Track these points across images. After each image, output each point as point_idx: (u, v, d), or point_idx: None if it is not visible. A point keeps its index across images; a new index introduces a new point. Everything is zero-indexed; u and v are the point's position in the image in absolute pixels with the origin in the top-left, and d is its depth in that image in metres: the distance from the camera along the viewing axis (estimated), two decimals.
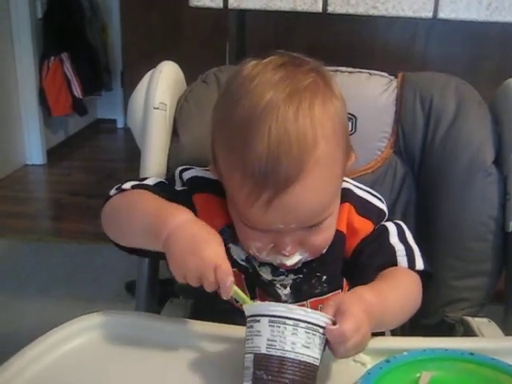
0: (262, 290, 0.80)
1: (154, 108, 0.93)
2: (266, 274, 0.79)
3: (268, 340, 0.59)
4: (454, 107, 0.94)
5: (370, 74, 1.00)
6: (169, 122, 0.96)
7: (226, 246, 0.76)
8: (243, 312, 0.69)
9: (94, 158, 3.94)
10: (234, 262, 0.79)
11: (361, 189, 0.84)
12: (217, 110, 0.75)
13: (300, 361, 0.58)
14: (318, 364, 0.60)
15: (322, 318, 0.60)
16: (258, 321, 0.60)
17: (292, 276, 0.79)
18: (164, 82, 0.95)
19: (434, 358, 0.67)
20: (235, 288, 0.66)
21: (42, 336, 0.71)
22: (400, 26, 1.53)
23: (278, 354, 0.58)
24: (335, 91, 0.72)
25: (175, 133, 0.96)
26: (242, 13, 1.48)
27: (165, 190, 0.81)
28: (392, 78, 1.01)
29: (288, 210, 0.67)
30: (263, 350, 0.59)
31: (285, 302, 0.79)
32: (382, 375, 0.63)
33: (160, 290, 1.00)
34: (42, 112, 3.60)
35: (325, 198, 0.70)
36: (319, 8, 1.16)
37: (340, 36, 1.43)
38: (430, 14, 1.14)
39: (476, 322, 0.92)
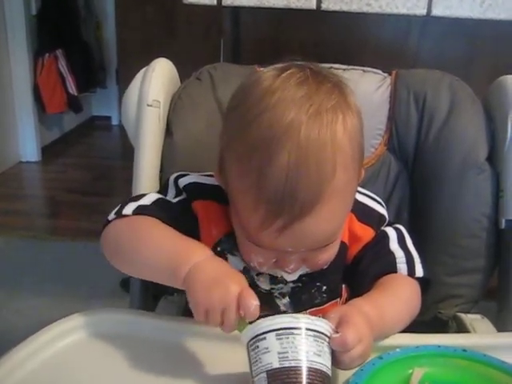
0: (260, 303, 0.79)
1: (148, 105, 0.93)
2: (264, 284, 0.78)
3: (279, 353, 0.56)
4: (448, 104, 0.95)
5: (363, 71, 1.01)
6: (162, 120, 0.96)
7: (224, 256, 0.77)
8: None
9: (89, 155, 3.93)
10: None
11: (360, 193, 0.81)
12: (231, 121, 0.71)
13: (316, 369, 0.56)
14: (330, 373, 0.58)
15: (326, 325, 0.59)
16: (264, 338, 0.57)
17: (291, 284, 0.78)
18: (157, 79, 0.95)
19: (427, 354, 0.68)
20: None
21: (33, 335, 0.71)
22: (393, 22, 1.53)
23: (293, 364, 0.56)
24: (354, 109, 0.68)
25: (169, 130, 0.96)
26: (237, 10, 1.47)
27: (164, 207, 0.78)
28: (386, 75, 1.01)
29: (301, 237, 0.66)
30: (276, 365, 0.56)
31: (284, 312, 0.77)
32: (375, 372, 0.63)
33: (154, 287, 0.99)
34: (36, 109, 3.58)
35: (338, 224, 0.69)
36: (313, 5, 1.15)
37: (334, 33, 1.43)
38: (423, 11, 1.14)
39: (469, 318, 0.92)
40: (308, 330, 0.57)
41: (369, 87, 0.98)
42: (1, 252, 2.48)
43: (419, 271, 0.78)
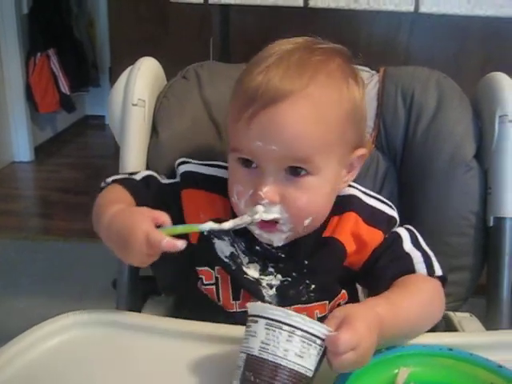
0: (246, 290, 0.79)
1: (133, 105, 0.93)
2: (253, 272, 0.79)
3: (262, 342, 0.57)
4: (435, 101, 0.94)
5: None
6: (148, 119, 0.95)
7: (210, 240, 0.79)
8: (222, 313, 0.68)
9: (83, 154, 3.91)
10: (217, 259, 0.79)
11: (369, 195, 0.81)
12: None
13: (290, 369, 0.57)
14: (310, 375, 0.58)
15: (320, 328, 0.58)
16: (256, 321, 0.59)
17: (280, 277, 0.78)
18: (142, 78, 0.94)
19: (413, 354, 0.68)
20: (172, 230, 0.67)
21: (21, 334, 0.71)
22: (383, 20, 1.53)
23: (270, 358, 0.57)
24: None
25: (154, 129, 0.96)
26: (226, 9, 1.47)
27: (151, 184, 0.82)
28: (374, 72, 1.00)
29: (268, 126, 0.68)
30: (255, 352, 0.58)
31: (268, 303, 0.77)
32: (361, 372, 0.62)
33: (142, 287, 0.99)
34: (29, 109, 3.56)
35: (306, 131, 0.69)
36: (300, 2, 1.15)
37: (324, 30, 1.42)
38: (411, 8, 1.14)
39: (457, 316, 0.92)
40: (297, 329, 0.57)
41: None
42: None
43: (438, 270, 0.76)
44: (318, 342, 0.58)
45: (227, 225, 0.71)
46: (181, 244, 0.65)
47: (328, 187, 0.74)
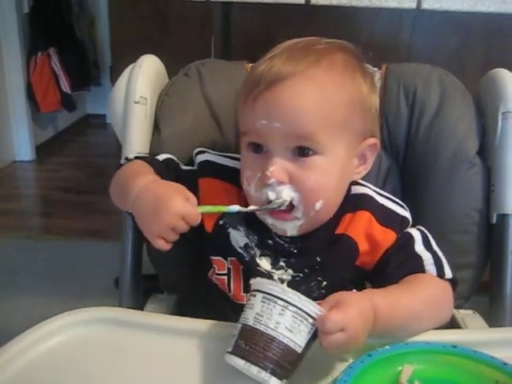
0: None
1: (135, 102, 0.92)
2: (265, 265, 0.79)
3: (256, 314, 0.61)
4: (438, 98, 0.94)
5: None
6: (149, 117, 0.95)
7: (225, 230, 0.80)
8: (230, 305, 0.68)
9: (84, 153, 3.91)
10: (232, 250, 0.80)
11: (382, 195, 0.82)
12: None
13: (280, 341, 0.60)
14: (299, 351, 0.61)
15: (313, 308, 0.61)
16: (255, 295, 0.62)
17: (291, 272, 0.78)
18: (144, 76, 0.94)
19: (416, 351, 0.68)
20: (205, 209, 0.72)
21: (22, 334, 0.71)
22: (386, 16, 1.52)
23: (261, 328, 0.60)
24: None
25: (156, 127, 0.95)
26: (227, 6, 1.47)
27: (171, 167, 0.85)
28: (376, 69, 1.00)
29: (271, 105, 0.71)
30: (250, 323, 0.61)
31: None
32: (364, 369, 0.63)
33: (144, 286, 0.99)
34: (30, 108, 3.56)
35: (308, 108, 0.71)
36: (302, 0, 1.15)
37: (326, 28, 1.42)
38: (413, 5, 1.14)
39: (461, 314, 0.91)
40: (291, 304, 0.60)
41: None
42: None
43: (448, 272, 0.77)
44: (310, 320, 0.61)
45: (252, 207, 0.74)
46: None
47: (336, 169, 0.74)
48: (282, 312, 0.60)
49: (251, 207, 0.74)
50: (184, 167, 0.87)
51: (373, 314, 0.64)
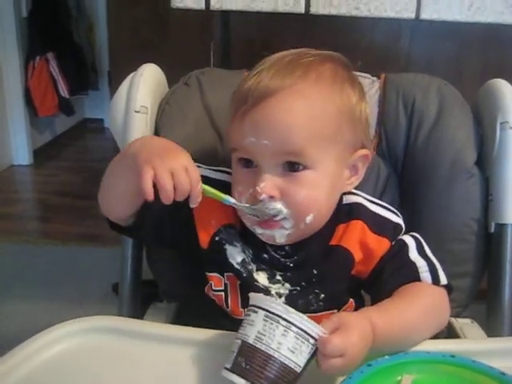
0: None
1: (135, 111, 0.93)
2: (262, 280, 0.79)
3: (258, 332, 0.60)
4: (436, 108, 0.95)
5: None
6: (150, 126, 0.95)
7: (222, 247, 0.79)
8: (228, 320, 0.68)
9: (82, 158, 3.91)
10: (228, 266, 0.79)
11: (374, 203, 0.82)
12: None
13: (281, 362, 0.59)
14: (298, 371, 0.60)
15: (315, 329, 0.60)
16: (256, 312, 0.61)
17: (288, 286, 0.78)
18: (145, 85, 0.94)
19: (415, 360, 0.68)
20: (204, 186, 0.70)
21: (23, 343, 0.70)
22: (384, 26, 1.53)
23: (263, 348, 0.59)
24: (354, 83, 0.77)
25: (157, 136, 0.96)
26: (227, 14, 1.47)
27: None
28: (375, 79, 1.01)
29: (259, 122, 0.71)
30: (250, 341, 0.60)
31: None
32: (364, 379, 0.63)
33: (143, 291, 0.99)
34: (28, 112, 3.56)
35: (296, 124, 0.70)
36: (301, 9, 1.15)
37: (325, 36, 1.43)
38: (412, 15, 1.15)
39: (459, 323, 0.92)
40: (294, 325, 0.60)
41: None
42: None
43: (443, 278, 0.77)
44: (311, 341, 0.60)
45: (246, 205, 0.73)
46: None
47: (326, 183, 0.74)
48: (285, 333, 0.59)
49: (245, 204, 0.73)
50: None
51: (372, 333, 0.64)
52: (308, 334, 0.60)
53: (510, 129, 0.90)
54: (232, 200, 0.73)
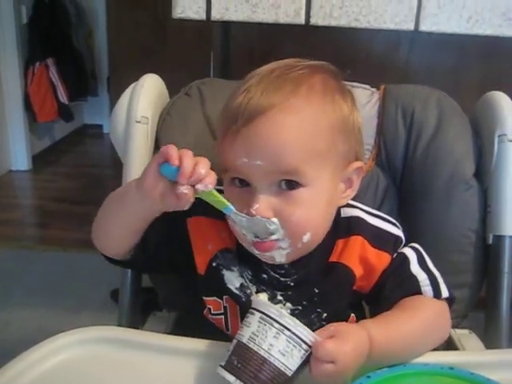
0: None
1: (136, 122, 0.93)
2: None
3: (252, 333, 0.62)
4: (435, 120, 0.95)
5: (352, 86, 1.00)
6: (150, 136, 0.96)
7: (219, 272, 0.77)
8: (229, 339, 0.68)
9: (80, 163, 3.91)
10: (227, 291, 0.78)
11: (372, 215, 0.81)
12: None
13: (271, 363, 0.61)
14: (289, 374, 0.62)
15: (308, 335, 0.62)
16: (253, 314, 0.64)
17: (290, 306, 0.77)
18: (146, 95, 0.95)
19: (414, 372, 0.68)
20: (213, 191, 0.66)
21: (22, 354, 0.70)
22: (383, 36, 1.54)
23: (254, 349, 0.62)
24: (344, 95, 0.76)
25: (158, 146, 0.96)
26: (227, 24, 1.48)
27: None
28: (374, 90, 1.01)
29: (251, 142, 0.69)
30: (244, 340, 0.63)
31: None
32: None
33: (143, 299, 0.99)
34: (27, 118, 3.57)
35: (290, 142, 0.68)
36: (302, 20, 1.16)
37: (324, 47, 1.44)
38: (411, 27, 1.15)
39: (457, 334, 0.92)
40: (286, 329, 0.62)
41: (357, 102, 0.98)
42: None
43: (444, 292, 0.76)
44: (304, 346, 0.62)
45: (243, 215, 0.70)
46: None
47: (323, 200, 0.72)
48: (277, 335, 0.61)
49: (243, 214, 0.70)
50: None
51: (368, 345, 0.64)
52: (301, 340, 0.62)
53: (508, 141, 0.91)
54: (233, 209, 0.70)
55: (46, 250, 2.59)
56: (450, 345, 0.90)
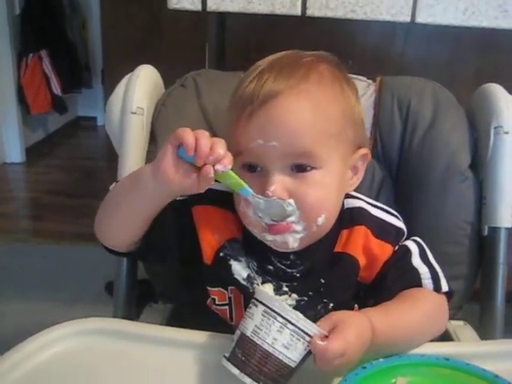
0: None
1: (132, 113, 0.93)
2: (268, 292, 0.76)
3: (255, 326, 0.62)
4: (431, 111, 0.95)
5: None
6: (146, 127, 0.95)
7: (227, 262, 0.77)
8: (231, 329, 0.68)
9: (74, 156, 3.89)
10: (233, 281, 0.78)
11: (376, 207, 0.82)
12: None
13: (275, 356, 0.61)
14: (293, 366, 0.62)
15: (311, 328, 0.62)
16: (256, 306, 0.63)
17: (296, 297, 0.77)
18: (141, 86, 0.94)
19: (410, 363, 0.68)
20: (231, 172, 0.66)
21: (17, 346, 0.70)
22: (379, 28, 1.54)
23: (258, 342, 0.61)
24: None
25: (153, 137, 0.96)
26: (222, 15, 1.47)
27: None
28: (370, 81, 1.01)
29: (267, 123, 0.70)
30: (248, 333, 0.62)
31: None
32: (359, 382, 0.63)
33: (138, 291, 0.99)
34: (20, 110, 3.55)
35: (305, 123, 0.70)
36: (298, 11, 1.16)
37: (320, 38, 1.43)
38: (407, 18, 1.15)
39: (452, 325, 0.93)
40: (290, 323, 0.61)
41: None
42: None
43: (444, 285, 0.77)
44: (307, 338, 0.62)
45: (261, 196, 0.71)
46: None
47: (335, 182, 0.74)
48: (281, 329, 0.61)
49: (261, 196, 0.70)
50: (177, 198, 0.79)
51: (371, 333, 0.65)
52: (304, 332, 0.61)
53: (503, 133, 0.91)
54: (251, 190, 0.70)
55: (40, 242, 2.59)
56: (445, 336, 0.90)
